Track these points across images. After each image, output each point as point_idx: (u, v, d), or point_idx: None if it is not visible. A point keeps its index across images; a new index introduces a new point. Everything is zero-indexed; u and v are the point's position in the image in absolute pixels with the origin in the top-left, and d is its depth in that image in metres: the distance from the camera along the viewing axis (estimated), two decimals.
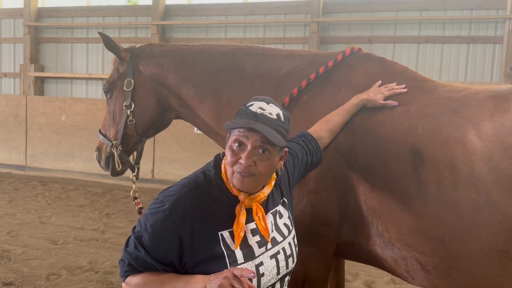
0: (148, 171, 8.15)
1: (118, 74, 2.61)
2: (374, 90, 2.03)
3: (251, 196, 1.51)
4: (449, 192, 1.75)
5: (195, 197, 1.47)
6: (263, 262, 1.50)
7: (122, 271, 1.52)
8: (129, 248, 1.49)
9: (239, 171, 1.44)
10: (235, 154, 1.45)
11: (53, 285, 3.92)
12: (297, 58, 2.34)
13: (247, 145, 1.43)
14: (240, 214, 1.47)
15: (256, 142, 1.43)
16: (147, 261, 1.44)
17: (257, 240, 1.51)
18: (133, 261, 1.47)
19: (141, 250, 1.44)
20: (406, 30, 7.61)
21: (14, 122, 9.27)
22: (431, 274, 1.87)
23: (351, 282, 4.16)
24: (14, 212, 6.17)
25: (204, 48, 2.55)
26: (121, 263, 1.52)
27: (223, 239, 1.45)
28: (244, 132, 1.43)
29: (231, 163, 1.45)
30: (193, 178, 1.54)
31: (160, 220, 1.43)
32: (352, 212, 1.98)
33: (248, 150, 1.43)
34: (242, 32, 8.56)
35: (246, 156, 1.42)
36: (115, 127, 2.62)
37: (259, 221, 1.50)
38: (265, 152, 1.44)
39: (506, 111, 1.76)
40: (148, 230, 1.43)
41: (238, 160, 1.44)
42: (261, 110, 1.47)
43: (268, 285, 1.51)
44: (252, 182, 1.45)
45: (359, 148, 1.96)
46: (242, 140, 1.44)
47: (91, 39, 9.47)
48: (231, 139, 1.47)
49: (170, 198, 1.45)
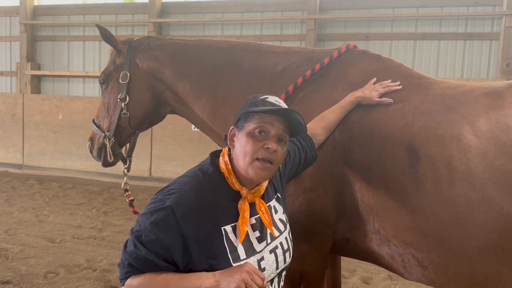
0: (145, 169, 8.15)
1: (115, 66, 2.60)
2: (369, 87, 2.03)
3: (252, 190, 1.53)
4: (445, 189, 1.75)
5: (196, 194, 1.46)
6: (264, 257, 1.51)
7: (122, 273, 1.46)
8: (128, 249, 1.44)
9: (262, 157, 1.44)
10: (257, 141, 1.45)
11: (50, 283, 3.92)
12: (293, 55, 2.34)
13: (270, 131, 1.46)
14: (245, 209, 1.48)
15: (279, 130, 1.47)
16: (148, 260, 1.40)
17: (257, 236, 1.52)
18: (133, 261, 1.42)
19: (141, 249, 1.40)
20: (402, 27, 7.62)
21: (11, 121, 9.24)
22: (428, 270, 1.87)
23: (348, 278, 4.17)
24: (12, 211, 6.16)
25: (201, 44, 2.54)
26: (120, 266, 1.47)
27: (226, 235, 1.45)
28: (270, 119, 1.46)
29: (251, 151, 1.45)
30: (191, 175, 1.53)
31: (161, 219, 1.40)
32: (349, 210, 1.98)
33: (273, 135, 1.46)
34: (239, 29, 8.54)
35: (273, 141, 1.45)
36: (108, 119, 2.62)
37: (263, 215, 1.51)
38: (282, 142, 1.49)
39: (501, 108, 1.77)
40: (148, 228, 1.40)
41: (261, 147, 1.44)
42: (278, 102, 1.52)
43: (268, 280, 1.52)
44: (270, 169, 1.47)
45: (355, 145, 1.96)
46: (266, 127, 1.45)
47: (87, 37, 9.44)
48: (252, 125, 1.46)
49: (170, 197, 1.43)
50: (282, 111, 1.46)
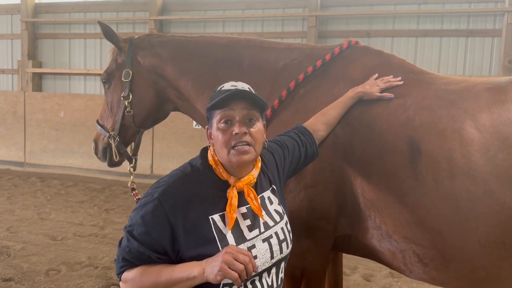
0: (147, 166, 8.15)
1: (117, 65, 2.59)
2: (370, 83, 2.03)
3: (241, 179, 1.54)
4: (447, 183, 1.75)
5: (184, 185, 1.50)
6: (255, 245, 1.51)
7: (117, 268, 1.51)
8: (122, 244, 1.50)
9: (235, 143, 1.47)
10: (225, 132, 1.49)
11: (52, 280, 3.93)
12: (294, 51, 2.33)
13: (234, 117, 1.49)
14: (232, 196, 1.50)
15: (242, 110, 1.49)
16: (140, 252, 1.45)
17: (248, 224, 1.53)
18: (126, 255, 1.47)
19: (133, 242, 1.45)
20: (404, 23, 7.59)
21: (12, 119, 9.25)
22: (429, 267, 1.87)
23: (350, 275, 4.17)
24: (14, 209, 6.18)
25: (202, 40, 2.53)
26: (116, 261, 1.52)
27: (214, 223, 1.47)
28: (228, 106, 1.48)
29: (224, 142, 1.48)
30: (180, 169, 1.57)
31: (150, 211, 1.45)
32: (350, 205, 1.97)
33: (238, 120, 1.49)
34: (240, 26, 8.53)
35: (238, 125, 1.48)
36: (112, 118, 2.61)
37: (252, 201, 1.52)
38: (252, 120, 1.51)
39: (503, 103, 1.76)
40: (139, 221, 1.45)
41: (231, 135, 1.47)
42: (233, 86, 1.54)
43: (262, 268, 1.52)
44: (249, 151, 1.49)
45: (356, 141, 1.95)
46: (228, 114, 1.49)
47: (88, 35, 9.44)
48: (216, 119, 1.51)
49: (158, 189, 1.48)
50: (232, 95, 1.48)
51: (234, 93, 1.48)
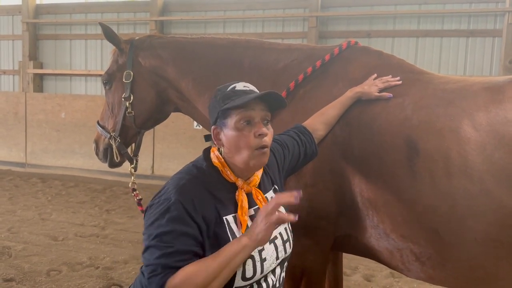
0: (148, 167, 8.16)
1: (117, 66, 2.60)
2: (369, 83, 2.03)
3: (248, 181, 1.55)
4: (444, 182, 1.75)
5: (195, 186, 1.47)
6: (264, 247, 1.52)
7: (158, 279, 1.35)
8: (154, 257, 1.37)
9: (261, 146, 1.47)
10: (247, 133, 1.47)
11: (53, 281, 3.94)
12: (294, 52, 2.34)
13: (254, 118, 1.48)
14: (242, 199, 1.50)
15: (261, 111, 1.49)
16: (181, 252, 1.36)
17: None
18: (166, 260, 1.35)
19: (170, 245, 1.36)
20: (405, 24, 7.59)
21: (13, 119, 9.27)
22: (426, 265, 1.87)
23: (350, 276, 4.17)
24: (15, 209, 6.19)
25: (203, 41, 2.54)
26: (153, 276, 1.36)
27: (228, 224, 1.48)
28: (250, 107, 1.47)
29: (247, 144, 1.46)
30: (186, 172, 1.54)
31: (176, 214, 1.39)
32: (349, 205, 1.98)
33: (258, 121, 1.48)
34: (240, 27, 8.54)
35: (261, 125, 1.48)
36: (113, 119, 2.62)
37: (261, 204, 1.53)
38: (268, 123, 1.52)
39: (501, 102, 1.76)
40: (168, 226, 1.38)
41: (253, 136, 1.46)
42: (246, 87, 1.54)
43: (269, 269, 1.54)
44: (267, 152, 1.51)
45: (355, 140, 1.96)
46: (249, 114, 1.47)
47: (89, 36, 9.45)
48: (234, 120, 1.48)
49: (172, 193, 1.43)
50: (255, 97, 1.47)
51: (263, 94, 1.47)
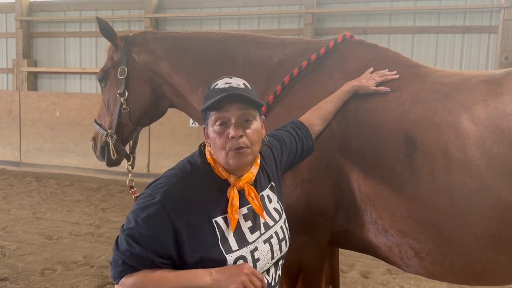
0: (143, 165, 8.12)
1: (112, 62, 2.59)
2: (366, 76, 2.01)
3: (241, 177, 1.51)
4: (442, 177, 1.73)
5: (185, 186, 1.45)
6: (258, 247, 1.49)
7: (116, 272, 1.42)
8: (121, 247, 1.42)
9: (232, 147, 1.42)
10: (221, 134, 1.44)
11: (47, 280, 3.90)
12: (289, 46, 2.32)
13: (230, 119, 1.44)
14: (233, 196, 1.46)
15: (237, 111, 1.44)
16: (143, 257, 1.38)
17: (249, 226, 1.51)
18: (127, 259, 1.40)
19: (135, 246, 1.38)
20: (400, 20, 7.58)
21: (7, 118, 9.20)
22: (425, 261, 1.85)
23: (347, 272, 4.15)
24: (9, 208, 6.14)
25: (197, 36, 2.52)
26: (113, 265, 1.44)
27: (217, 226, 1.44)
28: (223, 108, 1.43)
29: (221, 145, 1.44)
30: (180, 168, 1.52)
31: (152, 214, 1.39)
32: (346, 200, 1.96)
33: (234, 122, 1.43)
34: (236, 24, 8.50)
35: (233, 127, 1.42)
36: (109, 116, 2.60)
37: (253, 201, 1.49)
38: (249, 121, 1.46)
39: (499, 95, 1.75)
40: (141, 225, 1.39)
41: (227, 138, 1.43)
42: (227, 84, 1.48)
43: (264, 269, 1.51)
44: (246, 152, 1.45)
45: (352, 135, 1.93)
46: (224, 115, 1.44)
47: (84, 33, 9.39)
48: (211, 121, 1.46)
49: (159, 191, 1.42)
50: (227, 97, 1.42)
51: (227, 96, 1.42)
